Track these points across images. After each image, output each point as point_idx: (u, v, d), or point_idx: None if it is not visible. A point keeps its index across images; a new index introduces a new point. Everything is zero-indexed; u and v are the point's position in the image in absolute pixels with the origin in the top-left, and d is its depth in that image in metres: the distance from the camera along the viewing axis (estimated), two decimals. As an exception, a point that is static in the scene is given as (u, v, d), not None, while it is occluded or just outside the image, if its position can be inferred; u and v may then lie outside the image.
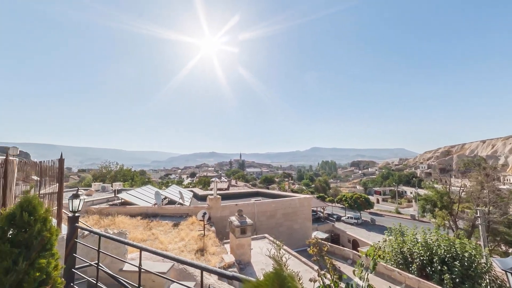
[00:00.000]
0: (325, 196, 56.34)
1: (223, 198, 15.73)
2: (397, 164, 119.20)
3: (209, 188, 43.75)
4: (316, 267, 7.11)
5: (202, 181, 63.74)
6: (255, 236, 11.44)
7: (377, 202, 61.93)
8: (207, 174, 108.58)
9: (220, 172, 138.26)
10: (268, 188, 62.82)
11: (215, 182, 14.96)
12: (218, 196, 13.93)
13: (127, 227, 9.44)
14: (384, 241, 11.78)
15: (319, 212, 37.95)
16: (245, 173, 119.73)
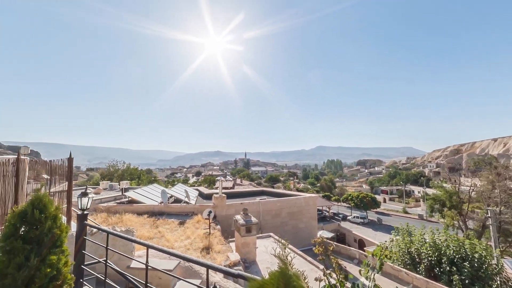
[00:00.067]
0: (331, 195, 55.92)
1: (228, 197, 15.79)
2: (405, 163, 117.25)
3: (215, 187, 44.02)
4: (322, 267, 7.07)
5: (208, 180, 64.16)
6: (260, 235, 11.46)
7: (384, 202, 61.07)
8: (212, 173, 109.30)
9: (225, 171, 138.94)
10: (273, 187, 62.80)
11: (221, 181, 15.07)
12: (224, 195, 14.01)
13: (134, 225, 9.59)
14: (391, 241, 11.64)
15: (325, 211, 37.72)
16: (250, 172, 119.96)
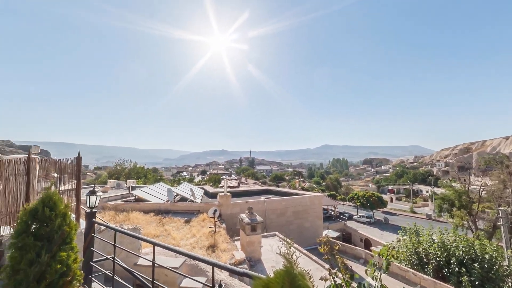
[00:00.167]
0: (336, 195, 55.48)
1: (234, 196, 15.85)
2: (412, 162, 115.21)
3: (220, 186, 44.26)
4: (327, 266, 7.04)
5: (213, 179, 64.51)
6: (265, 234, 11.48)
7: (391, 201, 60.21)
8: (218, 172, 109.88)
9: (230, 170, 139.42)
10: (278, 186, 62.69)
11: (226, 180, 15.15)
12: (229, 194, 14.08)
13: (141, 223, 9.74)
14: (398, 241, 11.50)
15: (330, 211, 37.48)
16: (255, 171, 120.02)
